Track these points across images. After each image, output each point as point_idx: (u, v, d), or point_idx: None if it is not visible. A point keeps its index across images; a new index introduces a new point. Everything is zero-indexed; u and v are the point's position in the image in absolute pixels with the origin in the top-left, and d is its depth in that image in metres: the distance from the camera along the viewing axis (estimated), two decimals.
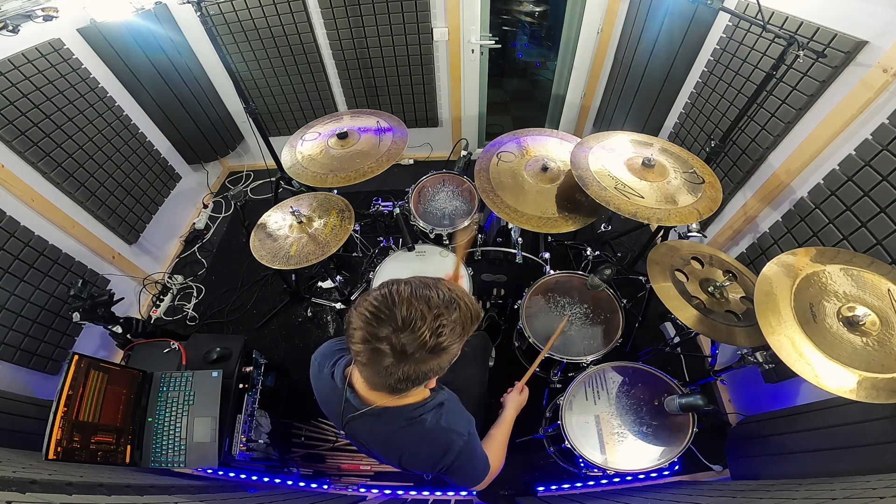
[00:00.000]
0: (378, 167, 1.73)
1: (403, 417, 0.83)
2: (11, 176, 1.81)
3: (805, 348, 0.97)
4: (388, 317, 0.66)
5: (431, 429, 0.85)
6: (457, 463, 0.87)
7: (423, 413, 0.84)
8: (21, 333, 1.77)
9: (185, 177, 2.94)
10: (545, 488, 1.72)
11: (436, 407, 0.86)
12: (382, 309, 0.67)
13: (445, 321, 0.68)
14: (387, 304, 0.67)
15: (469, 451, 0.89)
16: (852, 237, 1.34)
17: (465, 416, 0.93)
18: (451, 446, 0.86)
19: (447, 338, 0.68)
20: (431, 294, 0.69)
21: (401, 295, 0.68)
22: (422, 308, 0.67)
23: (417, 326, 0.66)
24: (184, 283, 2.70)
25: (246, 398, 1.66)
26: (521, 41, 4.21)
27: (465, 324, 0.71)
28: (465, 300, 0.72)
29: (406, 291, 0.69)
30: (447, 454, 0.86)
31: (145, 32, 2.35)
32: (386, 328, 0.66)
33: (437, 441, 0.86)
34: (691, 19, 2.00)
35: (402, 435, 0.85)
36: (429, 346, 0.67)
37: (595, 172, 1.51)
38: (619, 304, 1.64)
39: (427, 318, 0.66)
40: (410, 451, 0.87)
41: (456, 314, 0.69)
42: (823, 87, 1.45)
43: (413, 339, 0.66)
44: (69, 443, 1.27)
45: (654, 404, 1.40)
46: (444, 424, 0.85)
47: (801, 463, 1.33)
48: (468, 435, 0.88)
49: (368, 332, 0.67)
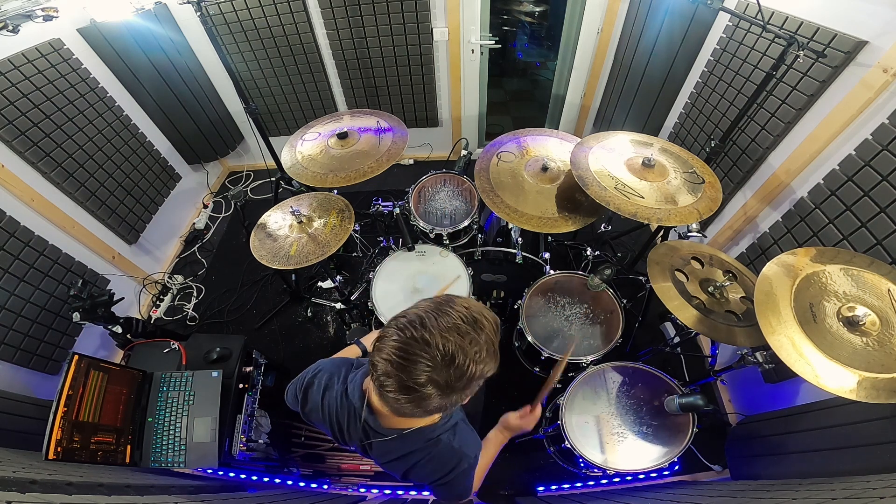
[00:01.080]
0: (378, 167, 1.73)
1: (423, 439, 0.83)
2: (11, 176, 1.81)
3: (805, 348, 0.97)
4: (425, 358, 0.62)
5: (445, 449, 0.85)
6: (454, 481, 0.87)
7: (440, 434, 0.84)
8: (21, 333, 1.77)
9: (185, 177, 2.94)
10: (545, 488, 1.72)
11: (451, 428, 0.86)
12: (416, 352, 0.62)
13: (480, 346, 0.64)
14: (419, 344, 0.62)
15: (467, 473, 0.89)
16: (852, 237, 1.34)
17: (475, 439, 0.93)
18: (458, 466, 0.86)
19: (485, 361, 0.65)
20: (458, 320, 0.65)
21: (430, 330, 0.63)
22: (457, 339, 0.63)
23: (460, 362, 0.62)
24: (184, 283, 2.70)
25: (246, 398, 1.66)
26: (521, 41, 4.20)
27: (493, 339, 0.68)
28: (485, 313, 0.69)
29: (433, 324, 0.63)
30: (452, 472, 0.86)
31: (145, 32, 2.35)
32: (425, 371, 0.62)
33: (448, 460, 0.86)
34: (691, 19, 2.00)
35: (417, 453, 0.85)
36: (474, 375, 0.64)
37: (595, 172, 1.51)
38: (619, 304, 1.64)
39: (465, 347, 0.63)
40: (419, 467, 0.87)
41: (485, 333, 0.66)
42: (823, 87, 1.45)
43: (459, 373, 0.63)
44: (69, 443, 1.27)
45: (654, 404, 1.40)
46: (457, 446, 0.86)
47: (801, 463, 1.33)
48: (474, 458, 0.89)
49: (410, 380, 0.62)
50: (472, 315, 0.66)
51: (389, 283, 1.76)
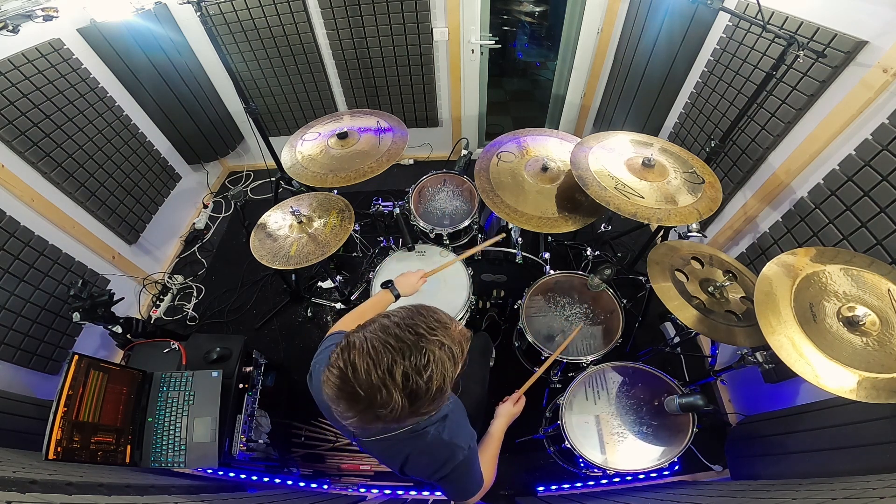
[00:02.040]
0: (378, 167, 1.73)
1: (409, 432, 0.83)
2: (11, 176, 1.81)
3: (805, 348, 0.97)
4: (352, 394, 0.61)
5: (434, 441, 0.85)
6: (453, 475, 0.88)
7: (427, 426, 0.84)
8: (21, 333, 1.77)
9: (185, 177, 2.94)
10: (545, 488, 1.72)
11: (440, 420, 0.86)
12: (344, 387, 0.62)
13: (420, 374, 0.61)
14: (346, 379, 0.61)
15: (467, 465, 0.89)
16: (852, 237, 1.34)
17: (467, 430, 0.93)
18: (451, 458, 0.86)
19: (431, 384, 0.62)
20: (392, 349, 0.62)
21: (355, 366, 0.61)
22: (383, 374, 0.60)
23: (385, 399, 0.60)
24: (184, 283, 2.70)
25: (246, 398, 1.66)
26: (521, 41, 4.20)
27: (449, 358, 0.65)
28: (441, 335, 0.65)
29: (360, 360, 0.61)
30: (446, 465, 0.86)
31: (145, 32, 2.35)
32: (357, 404, 0.61)
33: (439, 453, 0.86)
34: (691, 19, 2.00)
35: (406, 445, 0.85)
36: (410, 407, 0.62)
37: (595, 172, 1.51)
38: (619, 304, 1.64)
39: (391, 383, 0.60)
40: (412, 460, 0.88)
41: (433, 357, 0.63)
42: (823, 87, 1.45)
43: (390, 409, 0.61)
44: (69, 443, 1.27)
45: (654, 404, 1.40)
46: (447, 438, 0.86)
47: (801, 463, 1.33)
48: (468, 449, 0.89)
49: (343, 410, 0.62)
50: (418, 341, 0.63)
51: None
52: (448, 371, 0.65)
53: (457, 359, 0.67)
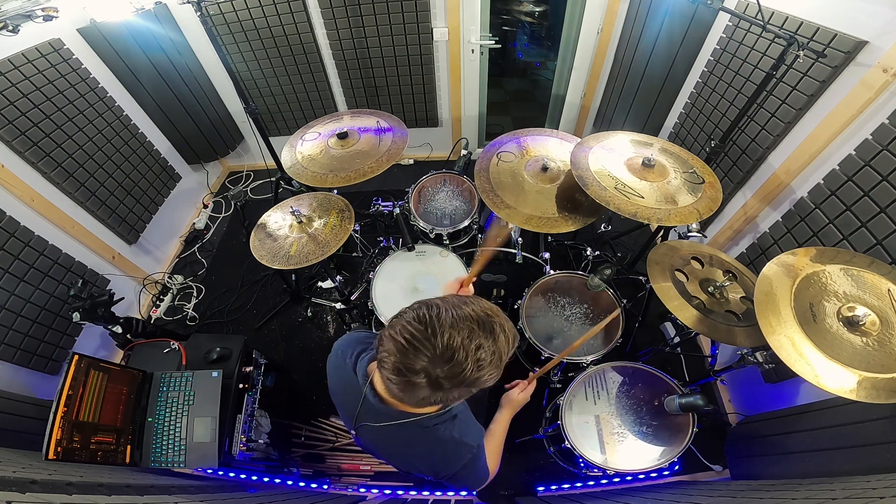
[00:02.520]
0: (378, 167, 1.73)
1: (418, 426, 0.81)
2: (11, 176, 1.81)
3: (805, 348, 0.96)
4: (426, 347, 0.61)
5: (444, 439, 0.84)
6: (461, 473, 0.87)
7: (437, 423, 0.83)
8: (21, 333, 1.77)
9: (185, 177, 2.94)
10: (545, 488, 1.72)
11: (450, 419, 0.85)
12: (420, 338, 0.61)
13: (485, 353, 0.63)
14: (426, 332, 0.62)
15: (474, 463, 0.88)
16: (852, 237, 1.34)
17: (476, 428, 0.93)
18: (459, 458, 0.86)
19: (486, 370, 0.64)
20: (473, 321, 0.63)
21: (441, 321, 0.62)
22: (464, 338, 0.61)
23: (459, 360, 0.61)
24: (184, 283, 2.70)
25: (246, 398, 1.66)
26: (521, 41, 4.20)
27: (504, 353, 0.66)
28: (505, 325, 0.67)
29: (447, 317, 0.62)
30: (454, 464, 0.86)
31: (145, 32, 2.35)
32: (423, 359, 0.61)
33: (448, 451, 0.85)
34: (691, 19, 2.00)
35: (413, 442, 0.85)
36: (469, 379, 0.63)
37: (595, 172, 1.51)
38: (619, 304, 1.64)
39: (469, 349, 0.61)
40: (419, 458, 0.87)
41: (496, 343, 0.64)
42: (823, 87, 1.45)
43: (453, 372, 0.61)
44: (69, 443, 1.27)
45: (654, 404, 1.40)
46: (457, 436, 0.85)
47: (801, 463, 1.33)
48: (477, 448, 0.88)
49: (403, 363, 0.62)
50: (491, 322, 0.65)
51: (389, 283, 1.76)
52: (502, 357, 0.66)
53: (508, 351, 0.68)
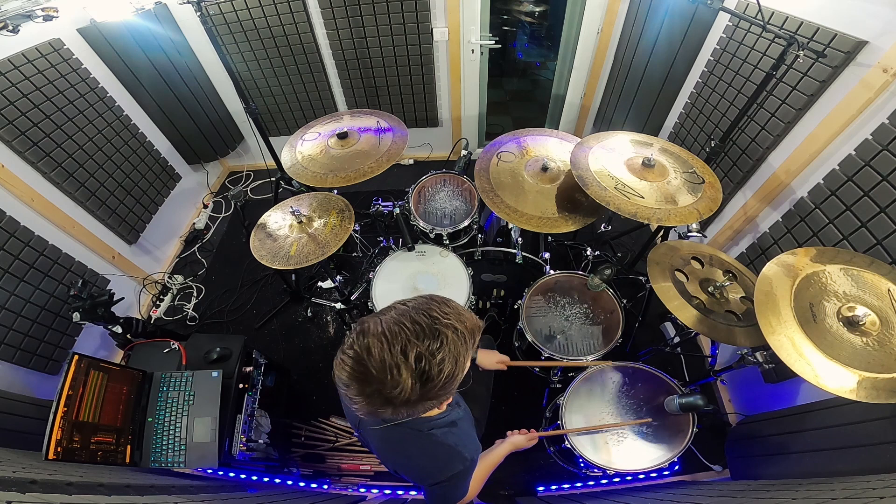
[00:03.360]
0: (378, 167, 1.73)
1: (414, 428, 0.82)
2: (11, 176, 1.81)
3: (805, 348, 0.97)
4: (364, 375, 0.61)
5: (438, 444, 0.83)
6: (445, 485, 0.85)
7: (433, 427, 0.83)
8: (21, 333, 1.77)
9: (185, 177, 2.94)
10: (545, 488, 1.72)
11: (448, 424, 0.85)
12: (357, 368, 0.62)
13: (432, 357, 0.61)
14: (360, 360, 0.62)
15: (462, 477, 0.87)
16: (852, 237, 1.34)
17: (474, 442, 0.92)
18: (449, 467, 0.84)
19: (443, 367, 0.62)
20: (407, 331, 0.62)
21: (369, 347, 0.61)
22: (396, 355, 0.60)
23: (396, 380, 0.60)
24: (184, 283, 2.70)
25: (246, 398, 1.66)
26: (521, 41, 4.20)
27: (461, 343, 0.65)
28: (454, 321, 0.65)
29: (375, 341, 0.62)
30: (442, 472, 0.84)
31: (145, 32, 2.35)
32: (368, 387, 0.61)
33: (439, 458, 0.84)
34: (691, 19, 2.00)
35: (406, 444, 0.84)
36: (420, 390, 0.62)
37: (595, 172, 1.51)
38: (619, 304, 1.64)
39: (404, 364, 0.60)
40: (410, 460, 0.86)
41: (445, 340, 0.63)
42: (823, 87, 1.45)
43: (400, 390, 0.61)
44: (69, 443, 1.27)
45: (654, 404, 1.39)
46: (452, 444, 0.84)
47: (801, 463, 1.33)
48: (470, 462, 0.86)
49: (353, 394, 0.62)
50: (433, 325, 0.63)
51: (389, 283, 1.76)
52: (460, 357, 0.65)
53: (468, 346, 0.66)
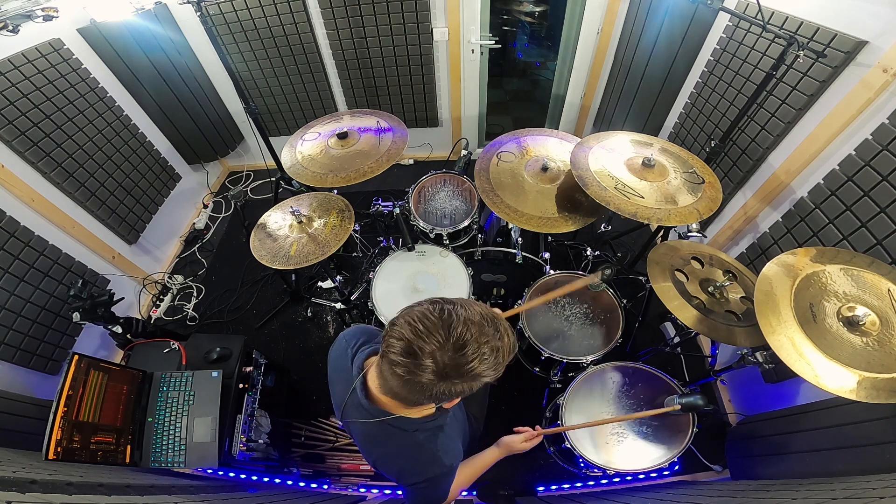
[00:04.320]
0: (378, 167, 1.73)
1: (398, 427, 0.82)
2: (11, 176, 1.81)
3: (805, 348, 0.96)
4: (440, 334, 0.64)
5: (420, 446, 0.84)
6: (420, 486, 0.86)
7: (417, 429, 0.83)
8: (21, 333, 1.77)
9: (185, 177, 2.94)
10: (545, 488, 1.72)
11: (433, 429, 0.85)
12: (437, 324, 0.64)
13: (490, 350, 0.66)
14: (442, 320, 0.65)
15: (439, 481, 0.87)
16: (852, 237, 1.34)
17: (456, 449, 0.92)
18: (427, 470, 0.85)
19: (488, 366, 0.66)
20: (484, 319, 0.67)
21: (457, 314, 0.65)
22: (474, 333, 0.65)
23: (468, 353, 0.64)
24: (184, 283, 2.70)
25: (246, 398, 1.66)
26: (521, 41, 4.20)
27: (506, 353, 0.69)
28: (508, 332, 0.71)
29: (461, 312, 0.66)
30: (419, 474, 0.85)
31: (145, 32, 2.35)
32: (434, 343, 0.63)
33: (419, 460, 0.85)
34: (691, 19, 2.00)
35: (390, 441, 0.84)
36: (472, 372, 0.65)
37: (595, 172, 1.51)
38: (619, 304, 1.64)
39: (480, 342, 0.64)
40: (390, 457, 0.86)
41: (502, 342, 0.68)
42: (823, 87, 1.45)
43: (459, 362, 0.64)
44: (69, 443, 1.27)
45: (654, 404, 1.39)
46: (433, 448, 0.84)
47: (801, 463, 1.33)
48: (449, 468, 0.87)
49: (417, 345, 0.64)
50: (497, 323, 0.69)
51: (389, 283, 1.76)
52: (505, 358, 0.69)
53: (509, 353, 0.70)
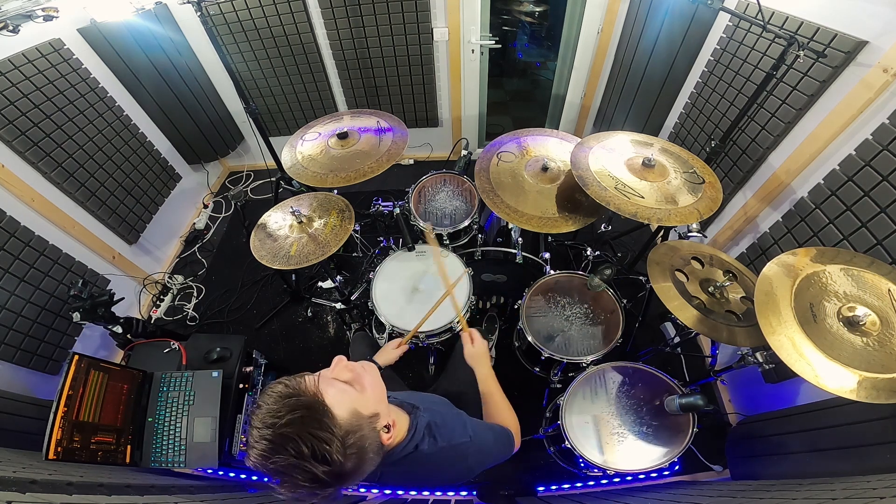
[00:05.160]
0: (378, 167, 1.73)
1: (402, 455, 0.79)
2: (11, 176, 1.81)
3: (805, 348, 0.96)
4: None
5: (434, 454, 0.82)
6: (478, 459, 0.87)
7: (417, 443, 0.80)
8: (21, 333, 1.77)
9: (186, 177, 2.94)
10: (545, 488, 1.72)
11: (424, 432, 0.82)
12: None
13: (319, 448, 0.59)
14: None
15: (480, 443, 0.88)
16: (852, 237, 1.34)
17: (459, 421, 0.90)
18: (463, 455, 0.85)
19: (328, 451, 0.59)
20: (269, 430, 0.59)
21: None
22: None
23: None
24: (184, 283, 2.70)
25: (246, 398, 1.66)
26: (521, 41, 4.21)
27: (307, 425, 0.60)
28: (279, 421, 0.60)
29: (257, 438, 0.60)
30: (464, 462, 0.85)
31: (145, 32, 2.35)
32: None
33: (448, 460, 0.84)
34: (691, 19, 2.00)
35: (416, 469, 0.83)
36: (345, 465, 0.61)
37: (595, 172, 1.51)
38: (619, 304, 1.64)
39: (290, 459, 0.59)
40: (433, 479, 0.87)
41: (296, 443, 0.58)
42: (823, 87, 1.45)
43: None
44: (69, 443, 1.27)
45: (654, 404, 1.39)
46: (444, 444, 0.83)
47: (801, 463, 1.33)
48: (470, 435, 0.87)
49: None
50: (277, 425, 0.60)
51: (389, 283, 1.76)
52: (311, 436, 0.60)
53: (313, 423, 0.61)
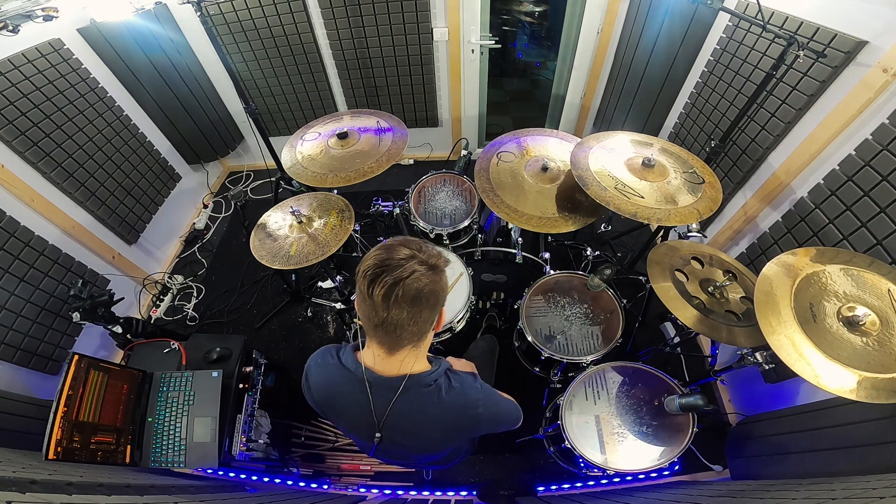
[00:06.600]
0: (378, 167, 1.73)
1: (423, 384, 0.86)
2: (11, 176, 1.80)
3: (805, 348, 0.96)
4: (389, 267, 0.74)
5: (448, 392, 0.88)
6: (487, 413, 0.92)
7: (437, 378, 0.88)
8: (21, 333, 1.77)
9: (185, 177, 2.94)
10: (545, 488, 1.72)
11: (443, 375, 0.90)
12: (382, 266, 0.74)
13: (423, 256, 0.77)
14: (382, 260, 0.75)
15: (490, 399, 0.94)
16: (852, 237, 1.34)
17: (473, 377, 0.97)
18: (473, 404, 0.90)
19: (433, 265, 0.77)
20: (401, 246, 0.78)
21: (388, 248, 0.77)
22: (406, 250, 0.76)
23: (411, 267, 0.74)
24: (184, 283, 2.70)
25: (246, 398, 1.66)
26: (521, 41, 4.21)
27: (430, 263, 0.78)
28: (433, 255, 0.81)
29: (386, 247, 0.78)
30: (474, 411, 0.91)
31: (145, 32, 2.35)
32: (405, 252, 0.75)
33: (460, 405, 0.90)
34: (691, 19, 2.00)
35: (430, 405, 0.88)
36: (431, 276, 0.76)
37: (595, 172, 1.51)
38: (619, 304, 1.64)
39: (415, 253, 0.76)
40: (444, 421, 0.90)
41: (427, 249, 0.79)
42: (823, 87, 1.45)
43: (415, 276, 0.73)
44: (69, 443, 1.27)
45: (654, 404, 1.39)
46: (458, 387, 0.90)
47: (801, 463, 1.33)
48: (482, 390, 0.94)
49: (392, 260, 0.74)
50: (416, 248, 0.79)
51: None
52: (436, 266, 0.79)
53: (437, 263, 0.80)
